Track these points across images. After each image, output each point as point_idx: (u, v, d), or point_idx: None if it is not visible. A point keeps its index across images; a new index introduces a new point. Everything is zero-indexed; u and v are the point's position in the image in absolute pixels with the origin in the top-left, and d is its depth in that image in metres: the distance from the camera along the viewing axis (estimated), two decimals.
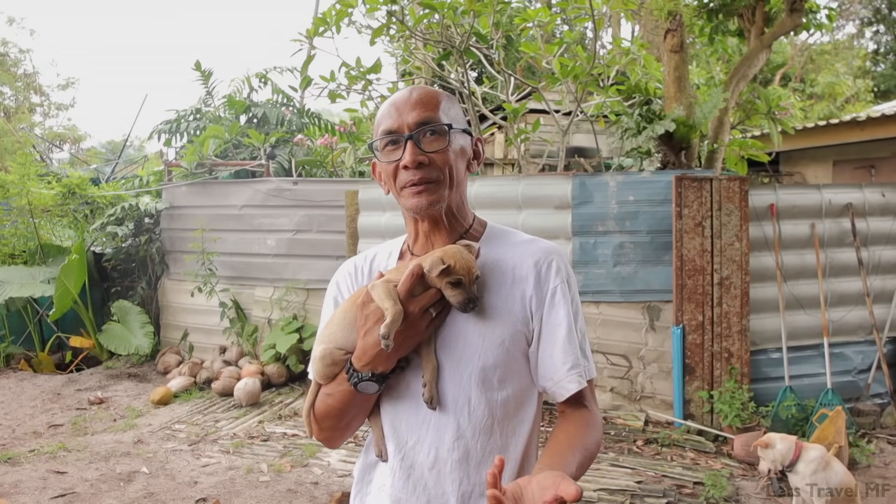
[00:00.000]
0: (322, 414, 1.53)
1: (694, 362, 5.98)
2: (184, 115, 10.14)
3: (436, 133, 1.50)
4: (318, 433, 1.56)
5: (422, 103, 1.51)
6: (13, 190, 8.79)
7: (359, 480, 1.61)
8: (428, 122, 1.50)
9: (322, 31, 7.38)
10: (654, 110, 6.87)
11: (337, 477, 5.15)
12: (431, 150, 1.49)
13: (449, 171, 1.52)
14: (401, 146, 1.50)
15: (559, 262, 1.53)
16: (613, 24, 16.47)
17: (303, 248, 7.87)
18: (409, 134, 1.48)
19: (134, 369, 8.33)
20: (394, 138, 1.51)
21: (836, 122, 9.93)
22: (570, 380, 1.47)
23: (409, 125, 1.49)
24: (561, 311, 1.49)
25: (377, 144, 1.54)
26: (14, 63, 26.43)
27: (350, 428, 1.56)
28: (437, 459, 1.46)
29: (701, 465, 5.32)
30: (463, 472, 1.45)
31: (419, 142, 1.48)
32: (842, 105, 20.08)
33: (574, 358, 1.47)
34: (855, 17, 25.17)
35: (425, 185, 1.49)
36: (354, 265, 1.69)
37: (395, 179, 1.53)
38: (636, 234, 6.31)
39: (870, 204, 6.46)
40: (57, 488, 4.95)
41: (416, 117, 1.49)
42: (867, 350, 6.38)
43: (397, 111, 1.51)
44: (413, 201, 1.50)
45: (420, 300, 1.42)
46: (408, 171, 1.49)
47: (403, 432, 1.50)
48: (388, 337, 1.36)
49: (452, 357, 1.47)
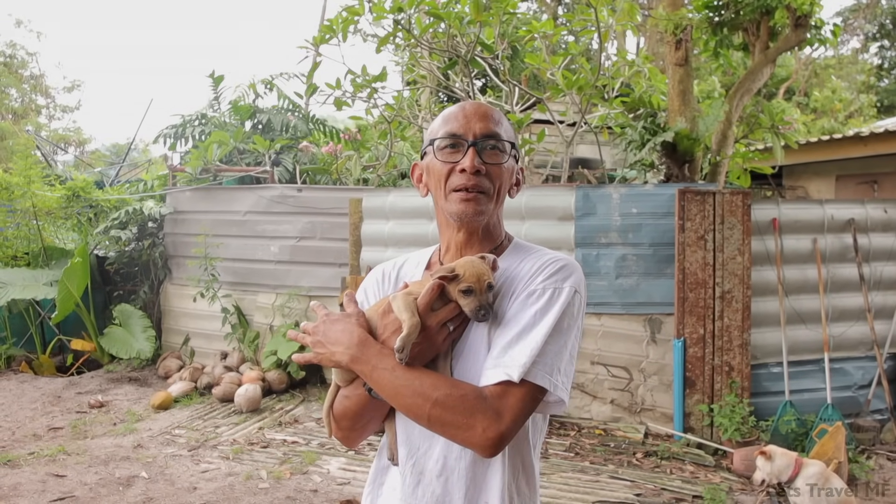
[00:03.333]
0: (340, 414, 1.58)
1: (694, 375, 5.98)
2: (189, 119, 10.17)
3: (496, 148, 1.56)
4: (337, 432, 1.61)
5: (489, 117, 1.57)
6: (17, 192, 8.82)
7: (371, 482, 1.66)
8: (493, 136, 1.55)
9: (328, 38, 7.42)
10: (658, 123, 6.89)
11: (336, 485, 5.14)
12: (491, 161, 1.55)
13: (499, 187, 1.57)
14: (461, 151, 1.54)
15: (555, 267, 1.50)
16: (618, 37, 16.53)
17: (306, 255, 7.88)
18: (474, 141, 1.53)
19: (135, 373, 8.33)
20: (457, 142, 1.55)
21: (840, 137, 9.94)
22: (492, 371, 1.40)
23: (476, 133, 1.54)
24: (527, 312, 1.44)
25: (438, 143, 1.57)
26: (21, 65, 26.54)
27: (367, 430, 1.61)
28: (445, 467, 1.49)
29: (700, 478, 5.31)
30: (469, 481, 1.48)
31: (481, 151, 1.54)
32: (844, 120, 20.10)
33: (513, 357, 1.39)
34: (860, 33, 25.23)
35: (476, 193, 1.53)
36: (383, 272, 1.73)
37: (445, 181, 1.56)
38: (639, 247, 6.33)
39: (872, 220, 6.47)
40: (56, 492, 4.95)
41: (483, 129, 1.55)
42: (867, 366, 6.38)
43: (465, 117, 1.56)
44: (460, 207, 1.54)
45: (438, 314, 1.45)
46: (464, 175, 1.52)
47: (416, 439, 1.53)
48: (402, 350, 1.39)
49: (465, 365, 1.49)
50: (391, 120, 8.19)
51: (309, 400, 7.30)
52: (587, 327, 6.42)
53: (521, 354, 1.39)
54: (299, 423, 6.58)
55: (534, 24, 7.57)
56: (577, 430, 6.30)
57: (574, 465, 5.50)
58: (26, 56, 26.76)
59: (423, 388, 1.36)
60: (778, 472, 4.21)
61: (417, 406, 1.36)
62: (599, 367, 6.41)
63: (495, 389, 1.37)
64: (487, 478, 1.47)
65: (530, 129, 9.08)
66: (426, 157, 1.62)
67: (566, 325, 1.45)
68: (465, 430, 1.35)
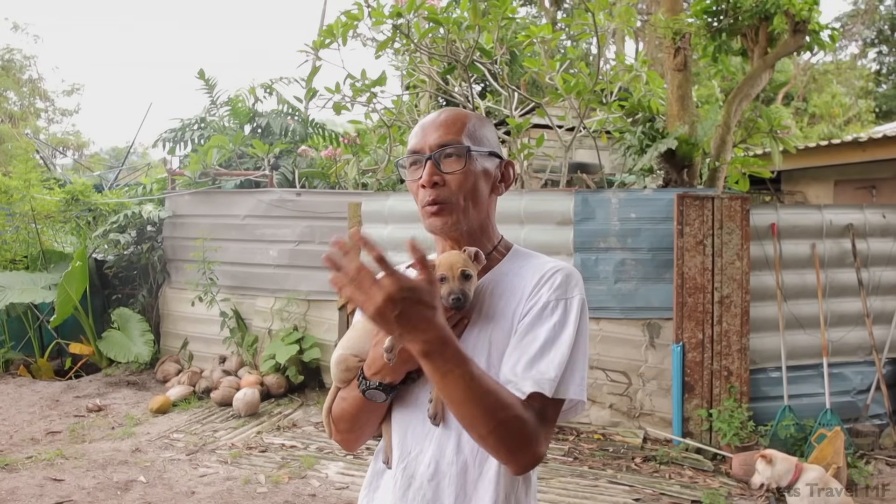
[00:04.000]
0: (337, 416, 1.59)
1: (693, 380, 5.98)
2: (188, 123, 10.17)
3: (453, 155, 1.55)
4: (336, 434, 1.62)
5: (445, 125, 1.57)
6: (16, 195, 8.81)
7: (367, 485, 1.66)
8: (448, 145, 1.55)
9: (328, 42, 7.43)
10: (656, 128, 6.90)
11: (335, 489, 5.14)
12: (449, 170, 1.55)
13: (466, 194, 1.56)
14: (422, 166, 1.56)
15: (560, 279, 1.51)
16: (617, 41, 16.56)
17: (305, 260, 7.88)
18: (429, 155, 1.54)
19: (133, 377, 8.32)
20: (417, 158, 1.57)
21: (838, 143, 9.96)
22: (524, 382, 1.39)
23: (431, 146, 1.55)
24: (543, 328, 1.45)
25: (402, 162, 1.62)
26: (19, 69, 26.54)
27: (364, 432, 1.61)
28: (437, 472, 1.49)
29: (699, 483, 5.31)
30: (460, 487, 1.47)
31: (438, 162, 1.54)
32: (842, 125, 20.14)
33: (541, 372, 1.39)
34: (858, 38, 25.29)
35: (440, 205, 1.54)
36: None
37: (416, 198, 1.60)
38: (637, 251, 6.33)
39: (870, 225, 6.48)
40: (54, 496, 4.94)
41: (437, 139, 1.55)
42: (866, 371, 6.39)
43: (423, 132, 1.58)
44: (429, 221, 1.58)
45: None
46: (425, 190, 1.55)
47: (409, 442, 1.53)
48: (391, 350, 1.39)
49: None
50: (391, 124, 8.20)
51: (307, 404, 7.29)
52: None
53: (550, 369, 1.40)
54: (298, 428, 6.57)
55: (532, 28, 7.58)
56: (576, 434, 6.29)
57: (573, 469, 5.50)
58: (24, 60, 26.76)
59: (494, 406, 1.31)
60: (778, 476, 4.21)
61: (479, 422, 1.31)
62: (598, 372, 6.41)
63: (533, 405, 1.37)
64: (478, 486, 1.46)
65: (529, 133, 9.09)
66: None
67: (582, 334, 1.49)
68: (514, 453, 1.34)
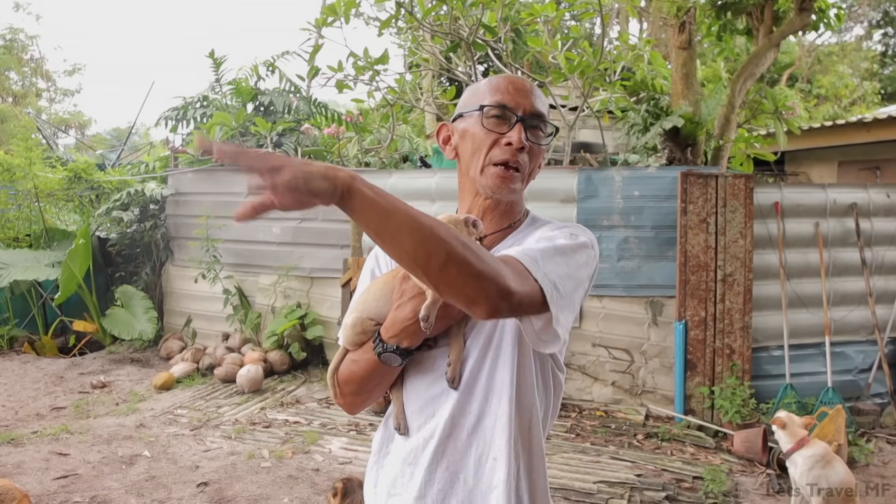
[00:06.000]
0: (345, 379, 1.56)
1: (695, 358, 6.00)
2: (191, 102, 10.14)
3: (539, 128, 1.56)
4: (340, 398, 1.60)
5: (536, 95, 1.55)
6: (19, 173, 8.81)
7: (377, 451, 1.65)
8: (539, 116, 1.54)
9: (331, 21, 7.39)
10: (661, 106, 6.87)
11: (338, 464, 5.17)
12: (534, 140, 1.54)
13: (534, 168, 1.58)
14: (508, 123, 1.52)
15: (569, 225, 1.54)
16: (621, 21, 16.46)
17: (308, 237, 7.88)
18: (523, 116, 1.51)
19: (137, 354, 8.35)
20: (505, 114, 1.52)
21: (842, 123, 9.92)
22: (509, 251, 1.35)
23: (525, 109, 1.52)
24: (548, 242, 1.42)
25: (487, 111, 1.53)
26: (21, 48, 26.44)
27: (371, 396, 1.60)
28: (454, 426, 1.50)
29: (700, 460, 5.34)
30: (478, 437, 1.49)
31: (527, 128, 1.52)
32: (847, 107, 20.05)
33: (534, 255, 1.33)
34: (863, 19, 25.11)
35: (513, 170, 1.52)
36: None
37: (487, 151, 1.53)
38: (641, 229, 6.33)
39: (874, 204, 6.47)
40: (59, 469, 4.97)
41: (532, 106, 1.53)
42: (868, 350, 6.40)
43: (516, 90, 1.53)
44: (495, 182, 1.52)
45: None
46: (508, 149, 1.51)
47: (427, 407, 1.53)
48: (427, 319, 1.38)
49: (480, 340, 1.50)
50: (393, 103, 8.18)
51: (311, 381, 7.32)
52: (589, 309, 6.44)
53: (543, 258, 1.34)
54: (301, 404, 6.60)
55: (536, 7, 7.54)
56: (579, 411, 6.32)
57: (575, 445, 5.53)
58: (26, 39, 26.64)
59: (449, 232, 1.21)
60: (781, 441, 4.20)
61: (439, 242, 1.19)
62: (601, 350, 6.43)
63: (507, 258, 1.31)
64: (494, 433, 1.47)
65: None
66: (464, 120, 1.59)
67: (582, 263, 1.44)
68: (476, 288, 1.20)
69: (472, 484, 1.49)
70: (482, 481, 1.48)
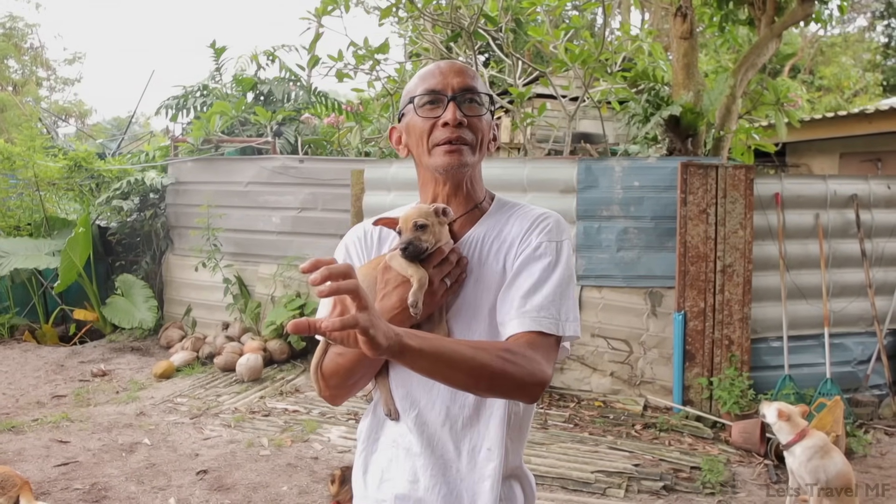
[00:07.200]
0: (330, 372, 1.56)
1: (694, 349, 6.01)
2: (191, 91, 10.13)
3: (475, 101, 1.59)
4: (325, 390, 1.60)
5: (465, 72, 1.59)
6: (19, 162, 8.81)
7: (365, 439, 1.67)
8: (470, 90, 1.58)
9: (331, 10, 7.37)
10: (661, 96, 6.86)
11: (337, 452, 5.19)
12: (471, 114, 1.57)
13: (481, 138, 1.60)
14: (441, 106, 1.56)
15: (550, 224, 1.57)
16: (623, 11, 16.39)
17: (307, 226, 7.88)
18: (453, 95, 1.55)
19: (137, 343, 8.38)
20: (436, 98, 1.57)
21: (844, 115, 9.90)
22: (520, 319, 1.46)
23: (454, 87, 1.56)
24: (536, 266, 1.51)
25: (417, 101, 1.58)
26: (21, 37, 26.37)
27: (357, 387, 1.61)
28: (449, 417, 1.54)
29: (698, 450, 5.35)
30: (473, 428, 1.53)
31: (460, 105, 1.56)
32: (850, 98, 19.98)
33: (536, 307, 1.46)
34: (867, 11, 25.00)
35: (459, 145, 1.55)
36: (364, 230, 1.74)
37: (428, 137, 1.58)
38: (640, 220, 6.32)
39: (875, 196, 6.45)
40: (60, 457, 5.00)
41: (461, 83, 1.57)
42: (867, 341, 6.40)
43: (441, 74, 1.58)
44: (445, 159, 1.56)
45: (441, 269, 1.50)
46: (446, 128, 1.55)
47: (415, 392, 1.56)
48: (416, 304, 1.42)
49: (463, 322, 1.54)
50: (393, 92, 8.16)
51: (310, 370, 7.33)
52: (588, 300, 6.44)
53: (545, 305, 1.46)
54: (300, 393, 6.62)
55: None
56: (577, 401, 6.33)
57: (573, 435, 5.54)
58: (26, 28, 26.57)
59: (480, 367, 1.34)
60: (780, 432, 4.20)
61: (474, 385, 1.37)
62: (600, 340, 6.43)
63: (530, 338, 1.43)
64: (490, 425, 1.52)
65: (532, 102, 9.05)
66: (405, 117, 1.64)
67: (570, 274, 1.54)
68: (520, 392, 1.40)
69: (465, 472, 1.53)
70: (475, 471, 1.52)
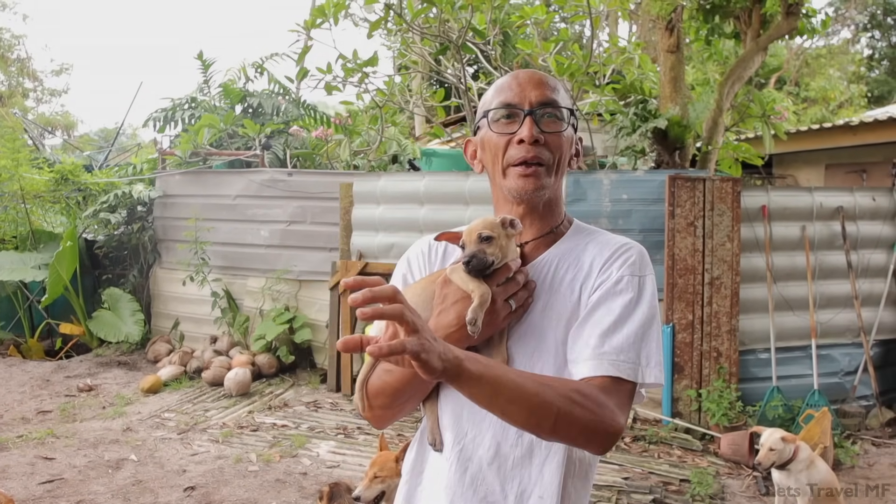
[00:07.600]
0: (376, 390, 1.41)
1: (683, 361, 6.02)
2: (179, 103, 10.10)
3: (554, 116, 1.47)
4: (368, 410, 1.45)
5: (545, 84, 1.47)
6: (5, 175, 8.75)
7: (410, 470, 1.53)
8: (550, 104, 1.46)
9: (320, 22, 7.37)
10: (649, 109, 6.90)
11: (326, 468, 5.16)
12: (549, 130, 1.46)
13: (560, 157, 1.48)
14: (517, 121, 1.45)
15: (634, 256, 1.44)
16: (610, 24, 16.51)
17: (296, 240, 7.86)
18: (531, 110, 1.44)
19: (124, 357, 8.31)
20: (512, 112, 1.46)
21: (829, 127, 9.98)
22: (596, 361, 1.32)
23: (532, 101, 1.45)
24: (617, 302, 1.37)
25: (492, 115, 1.48)
26: (7, 48, 26.26)
27: (402, 409, 1.47)
28: (498, 454, 1.39)
29: (687, 462, 5.36)
30: (524, 470, 1.38)
31: (538, 121, 1.45)
32: (835, 110, 20.17)
33: (615, 348, 1.33)
34: (851, 23, 25.28)
35: (535, 166, 1.44)
36: (429, 244, 1.62)
37: (503, 155, 1.47)
38: (629, 233, 6.31)
39: (860, 207, 6.50)
40: (45, 474, 4.94)
41: (539, 96, 1.45)
42: (854, 352, 6.44)
43: (519, 86, 1.47)
44: (519, 183, 1.45)
45: (506, 289, 1.38)
46: (522, 146, 1.44)
47: (464, 423, 1.42)
48: (475, 322, 1.30)
49: (525, 351, 1.41)
50: (382, 105, 8.17)
51: (298, 384, 7.30)
52: None
53: (624, 348, 1.33)
54: (289, 407, 6.58)
55: (525, 9, 7.56)
56: None
57: None
58: (12, 39, 26.46)
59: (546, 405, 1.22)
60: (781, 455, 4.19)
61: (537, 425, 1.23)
62: None
63: (604, 382, 1.31)
64: (544, 469, 1.37)
65: None
66: (480, 131, 1.53)
67: (654, 314, 1.40)
68: (589, 439, 1.27)
69: None
70: None
